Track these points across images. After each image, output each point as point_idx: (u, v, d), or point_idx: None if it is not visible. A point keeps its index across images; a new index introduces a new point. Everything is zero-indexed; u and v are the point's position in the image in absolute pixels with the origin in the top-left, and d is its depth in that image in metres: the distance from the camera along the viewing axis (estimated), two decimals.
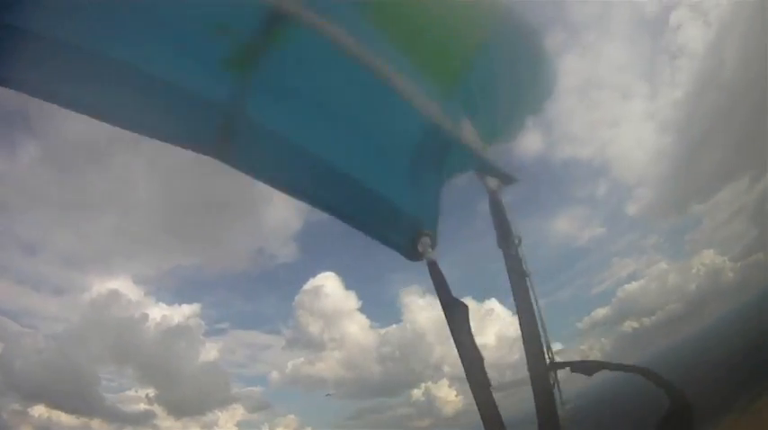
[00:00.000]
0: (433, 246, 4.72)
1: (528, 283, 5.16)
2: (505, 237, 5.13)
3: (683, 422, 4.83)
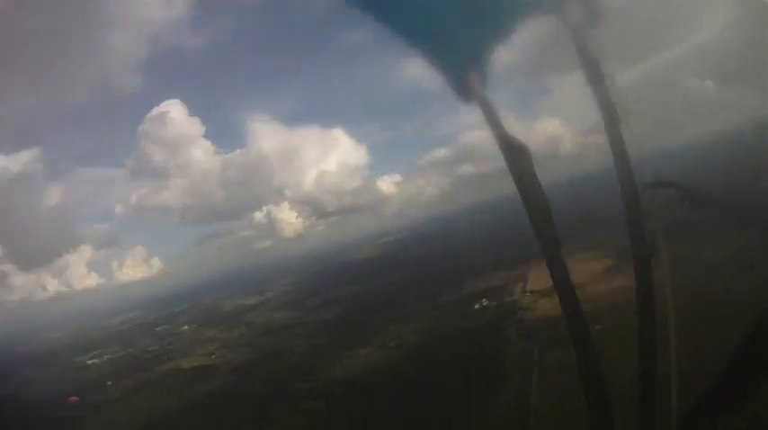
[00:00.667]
0: (484, 84, 4.71)
1: (617, 119, 5.38)
2: (595, 76, 5.13)
3: None
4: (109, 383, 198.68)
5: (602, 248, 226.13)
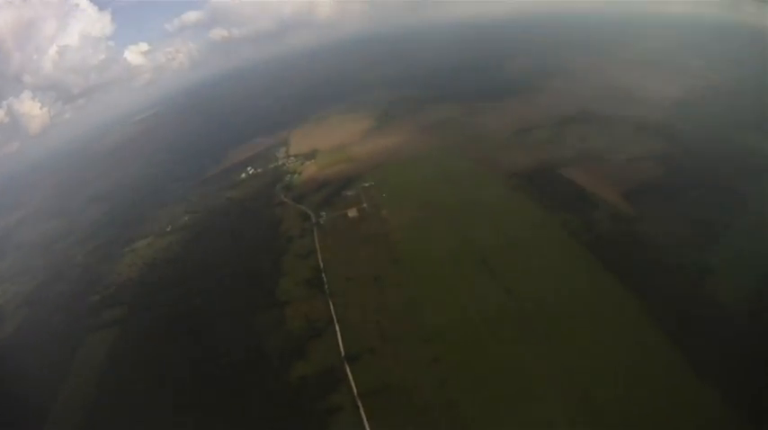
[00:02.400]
0: None
1: None
2: None
3: None
4: None
5: (357, 111, 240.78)
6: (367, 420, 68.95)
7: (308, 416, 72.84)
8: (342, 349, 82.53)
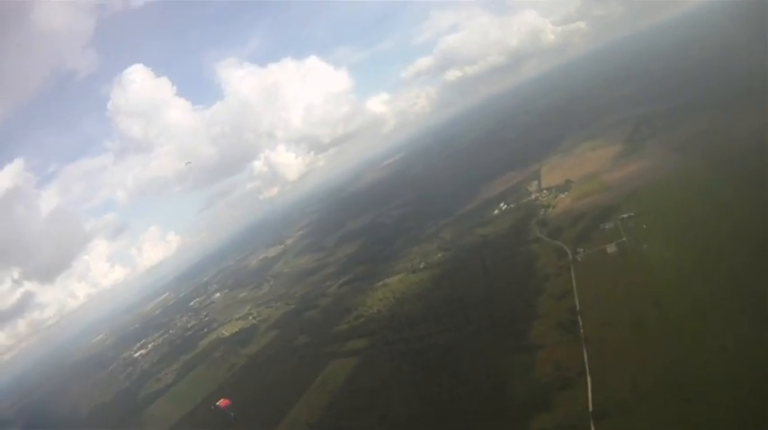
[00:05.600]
0: None
1: None
2: None
3: None
4: (163, 373, 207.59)
5: (605, 136, 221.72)
6: None
7: None
8: (590, 404, 74.10)
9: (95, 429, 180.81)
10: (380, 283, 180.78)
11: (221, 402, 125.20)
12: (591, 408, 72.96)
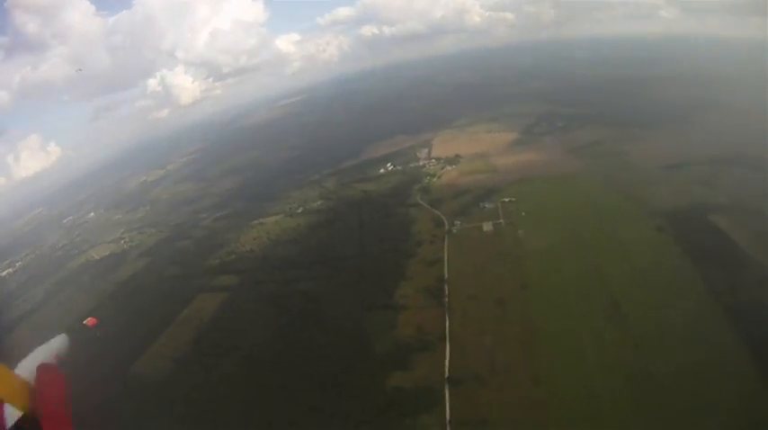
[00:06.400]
0: None
1: None
2: None
3: None
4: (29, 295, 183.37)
5: (504, 122, 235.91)
6: None
7: None
8: (447, 370, 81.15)
9: None
10: (257, 222, 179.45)
11: (89, 321, 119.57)
12: (447, 374, 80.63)
